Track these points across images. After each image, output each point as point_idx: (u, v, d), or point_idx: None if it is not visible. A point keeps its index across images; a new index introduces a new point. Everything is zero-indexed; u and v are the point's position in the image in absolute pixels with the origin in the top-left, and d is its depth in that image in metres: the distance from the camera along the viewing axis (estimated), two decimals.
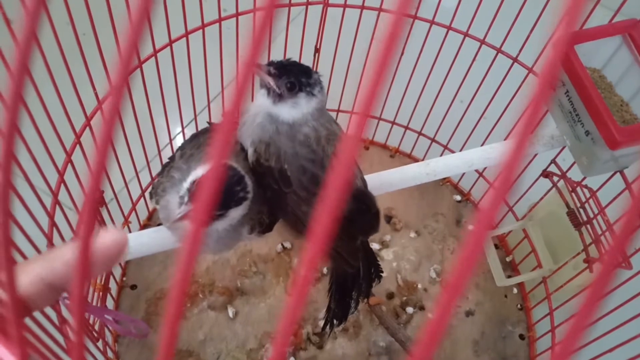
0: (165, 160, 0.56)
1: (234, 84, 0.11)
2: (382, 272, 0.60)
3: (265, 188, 0.48)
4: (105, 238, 0.21)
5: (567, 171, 0.66)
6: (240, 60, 0.11)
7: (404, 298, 0.78)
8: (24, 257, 0.48)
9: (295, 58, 0.74)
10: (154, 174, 0.76)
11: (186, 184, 0.42)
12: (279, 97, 0.47)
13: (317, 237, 0.11)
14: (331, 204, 0.11)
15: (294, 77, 0.46)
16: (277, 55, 0.74)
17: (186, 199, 0.42)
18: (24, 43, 0.12)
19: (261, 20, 0.10)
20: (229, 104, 0.11)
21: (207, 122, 0.62)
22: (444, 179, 0.87)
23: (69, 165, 0.59)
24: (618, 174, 0.58)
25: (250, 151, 0.48)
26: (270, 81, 0.46)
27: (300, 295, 0.12)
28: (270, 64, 0.47)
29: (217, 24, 0.67)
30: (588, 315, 0.11)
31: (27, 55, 0.12)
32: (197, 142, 0.52)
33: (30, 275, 0.21)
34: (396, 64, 0.76)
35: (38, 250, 0.52)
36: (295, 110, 0.47)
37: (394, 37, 0.10)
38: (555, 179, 0.67)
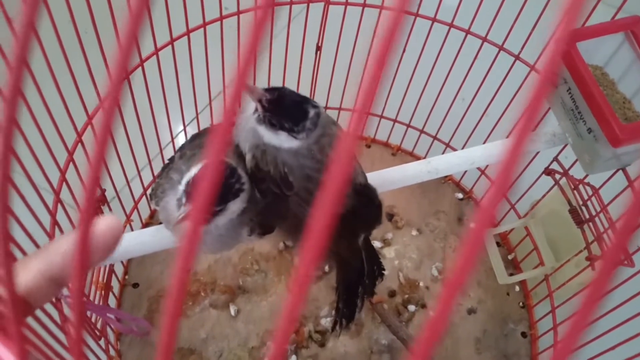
0: (167, 158, 0.56)
1: (231, 85, 0.11)
2: (384, 270, 0.60)
3: (264, 193, 0.47)
4: (100, 225, 0.20)
5: (569, 169, 0.65)
6: (237, 65, 0.11)
7: (406, 296, 0.78)
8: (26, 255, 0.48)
9: (297, 57, 0.75)
10: (155, 172, 0.76)
11: (181, 186, 0.42)
12: (262, 121, 0.45)
13: (316, 233, 0.11)
14: (330, 201, 0.11)
15: (276, 121, 0.44)
16: (278, 54, 0.74)
17: (184, 199, 0.41)
18: (23, 33, 0.12)
19: (257, 22, 0.10)
20: (227, 103, 0.11)
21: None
22: (446, 176, 0.87)
23: (71, 163, 0.59)
24: (620, 171, 0.58)
25: (248, 157, 0.47)
26: (259, 107, 0.44)
27: (300, 294, 0.12)
28: (269, 90, 0.44)
29: (219, 22, 0.67)
30: (589, 314, 0.11)
31: (26, 44, 0.12)
32: (197, 142, 0.51)
33: (30, 271, 0.21)
34: (398, 61, 0.76)
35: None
36: (276, 140, 0.46)
37: (393, 33, 0.10)
38: (558, 176, 0.67)
